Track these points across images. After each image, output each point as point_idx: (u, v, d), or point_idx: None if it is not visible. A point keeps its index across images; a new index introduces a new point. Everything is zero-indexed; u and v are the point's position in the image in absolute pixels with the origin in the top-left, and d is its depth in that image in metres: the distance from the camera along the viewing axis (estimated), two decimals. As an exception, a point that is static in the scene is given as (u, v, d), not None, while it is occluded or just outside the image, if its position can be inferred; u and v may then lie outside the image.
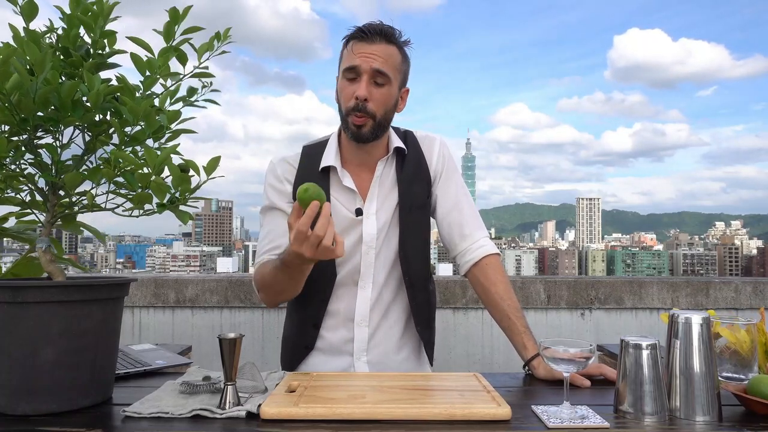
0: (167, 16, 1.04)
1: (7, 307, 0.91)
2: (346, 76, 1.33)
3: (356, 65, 1.30)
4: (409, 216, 1.41)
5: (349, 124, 1.33)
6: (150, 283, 2.71)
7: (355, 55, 1.31)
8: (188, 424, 0.90)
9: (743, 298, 2.75)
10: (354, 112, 1.31)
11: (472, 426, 0.90)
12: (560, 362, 0.94)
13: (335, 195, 1.40)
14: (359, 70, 1.30)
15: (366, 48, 1.31)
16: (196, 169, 1.01)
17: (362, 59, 1.30)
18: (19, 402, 0.92)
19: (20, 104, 0.92)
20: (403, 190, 1.41)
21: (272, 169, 1.44)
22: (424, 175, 1.45)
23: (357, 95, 1.30)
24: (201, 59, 1.09)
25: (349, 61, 1.32)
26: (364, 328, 1.40)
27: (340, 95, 1.35)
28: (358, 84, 1.31)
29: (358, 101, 1.30)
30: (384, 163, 1.43)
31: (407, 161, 1.44)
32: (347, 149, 1.43)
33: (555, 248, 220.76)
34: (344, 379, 1.16)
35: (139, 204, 1.00)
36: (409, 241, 1.42)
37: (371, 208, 1.40)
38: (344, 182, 1.39)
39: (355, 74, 1.32)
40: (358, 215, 1.39)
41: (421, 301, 1.46)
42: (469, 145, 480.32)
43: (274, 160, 1.45)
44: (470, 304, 2.67)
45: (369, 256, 1.40)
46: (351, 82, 1.32)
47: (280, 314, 2.71)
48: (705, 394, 0.93)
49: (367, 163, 1.43)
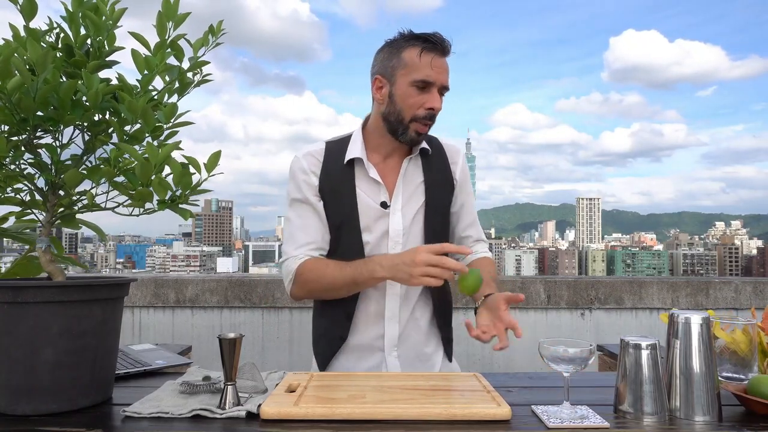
0: (164, 16, 1.04)
1: (7, 307, 0.91)
2: (417, 85, 1.35)
3: (433, 80, 1.34)
4: (434, 218, 1.46)
5: (411, 130, 1.37)
6: (150, 283, 2.71)
7: (432, 69, 1.34)
8: (188, 424, 0.90)
9: (743, 298, 2.75)
10: (423, 121, 1.37)
11: (472, 426, 0.90)
12: (560, 362, 0.94)
13: (360, 186, 1.43)
14: (434, 83, 1.35)
15: (440, 62, 1.36)
16: (197, 166, 1.01)
17: (437, 74, 1.35)
18: (19, 402, 0.92)
19: (20, 103, 0.92)
20: (430, 194, 1.46)
21: (298, 163, 1.46)
22: (449, 182, 1.51)
23: (433, 107, 1.35)
24: (197, 53, 1.09)
25: (425, 74, 1.34)
26: (395, 324, 1.43)
27: (405, 102, 1.36)
28: (428, 94, 1.35)
29: (432, 111, 1.36)
30: (408, 161, 1.46)
31: (433, 165, 1.49)
32: (372, 144, 1.46)
33: (555, 248, 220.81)
34: (344, 379, 1.16)
35: (140, 202, 1.00)
36: (433, 241, 1.44)
37: (397, 203, 1.44)
38: (370, 174, 1.42)
39: (428, 86, 1.35)
40: (384, 208, 1.42)
41: (442, 299, 1.51)
42: (469, 145, 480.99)
43: (299, 155, 1.47)
44: (470, 304, 2.67)
45: (396, 251, 1.42)
46: (421, 91, 1.35)
47: (280, 314, 2.71)
48: (705, 394, 0.93)
49: (392, 157, 1.47)
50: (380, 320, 1.43)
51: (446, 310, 1.53)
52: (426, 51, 1.34)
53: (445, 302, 1.53)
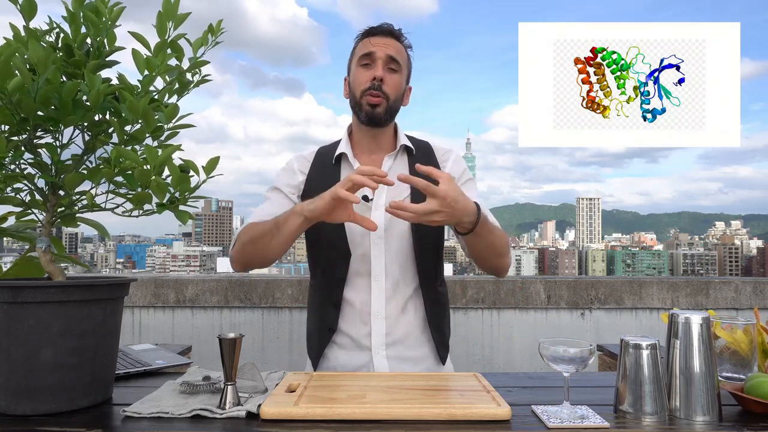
0: (165, 15, 1.04)
1: (7, 307, 0.91)
2: (362, 63, 1.44)
3: (372, 51, 1.43)
4: None
5: (364, 104, 1.43)
6: (150, 283, 2.72)
7: (372, 44, 1.44)
8: (188, 424, 0.90)
9: (743, 298, 2.75)
10: (370, 92, 1.41)
11: (472, 426, 0.90)
12: (560, 362, 0.94)
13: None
14: (375, 56, 1.43)
15: (379, 38, 1.45)
16: (195, 169, 1.01)
17: (378, 47, 1.43)
18: (19, 402, 0.92)
19: (21, 103, 0.92)
20: (415, 190, 1.44)
21: (290, 162, 1.56)
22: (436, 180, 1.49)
23: (375, 76, 1.41)
24: (196, 53, 1.09)
25: (365, 49, 1.44)
26: (381, 321, 1.42)
27: (354, 82, 1.46)
28: (373, 69, 1.42)
29: (375, 81, 1.41)
30: (393, 158, 1.49)
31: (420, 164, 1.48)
32: (357, 140, 1.52)
33: (555, 248, 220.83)
34: (344, 379, 1.16)
35: (139, 204, 1.00)
36: (421, 239, 1.44)
37: (381, 199, 1.44)
38: (354, 168, 1.45)
39: (370, 60, 1.43)
40: (366, 201, 1.44)
41: (435, 300, 1.48)
42: (469, 145, 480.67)
43: (293, 156, 1.58)
44: (470, 304, 2.67)
45: (378, 246, 1.42)
46: (366, 68, 1.44)
47: (280, 314, 2.71)
48: (705, 394, 0.93)
49: (377, 154, 1.50)
50: (367, 317, 1.42)
51: (440, 312, 1.50)
52: (367, 34, 1.47)
53: (438, 303, 1.50)
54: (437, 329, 1.48)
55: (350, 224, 1.41)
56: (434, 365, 1.48)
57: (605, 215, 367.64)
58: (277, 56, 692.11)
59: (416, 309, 1.46)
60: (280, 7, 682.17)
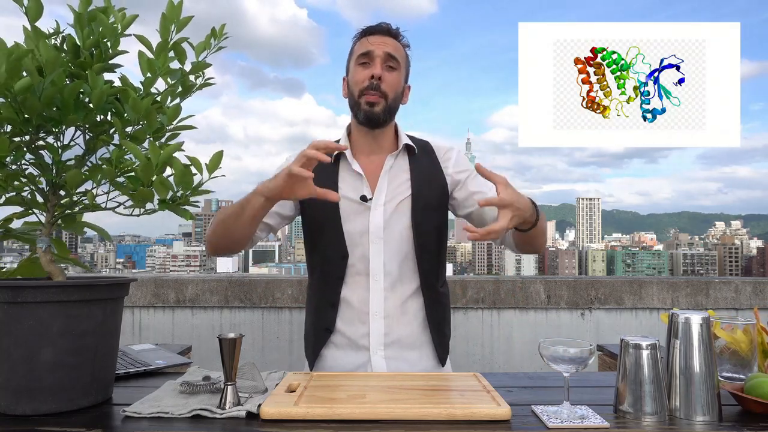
0: (168, 18, 1.04)
1: (7, 307, 0.92)
2: (360, 62, 1.43)
3: (371, 50, 1.42)
4: (421, 214, 1.44)
5: (362, 104, 1.41)
6: (150, 283, 2.72)
7: (370, 43, 1.43)
8: (188, 424, 0.90)
9: (743, 298, 2.75)
10: (368, 91, 1.40)
11: (472, 426, 0.90)
12: (560, 362, 0.94)
13: (343, 179, 1.46)
14: (373, 54, 1.42)
15: (376, 37, 1.44)
16: (198, 166, 1.01)
17: (376, 46, 1.42)
18: (19, 402, 0.92)
19: (26, 103, 0.92)
20: (417, 189, 1.45)
21: (288, 159, 1.53)
22: (439, 178, 1.49)
23: (373, 73, 1.40)
24: (199, 57, 1.09)
25: (363, 48, 1.43)
26: (380, 321, 1.41)
27: (353, 81, 1.45)
28: (371, 68, 1.41)
29: (373, 80, 1.40)
30: (394, 158, 1.48)
31: (421, 163, 1.49)
32: (357, 139, 1.50)
33: (555, 248, 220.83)
34: (344, 379, 1.16)
35: (141, 202, 1.00)
36: (422, 239, 1.44)
37: (380, 199, 1.44)
38: (353, 167, 1.45)
39: (368, 59, 1.42)
40: (364, 201, 1.43)
41: (436, 300, 1.47)
42: (469, 145, 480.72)
43: (291, 154, 1.54)
44: (470, 304, 2.67)
45: (377, 246, 1.42)
46: (364, 66, 1.43)
47: (280, 314, 2.71)
48: (705, 394, 0.93)
49: (376, 153, 1.48)
50: (365, 316, 1.42)
51: (441, 313, 1.49)
52: (364, 33, 1.46)
53: (439, 304, 1.49)
54: (437, 330, 1.47)
55: (348, 224, 1.42)
56: (433, 367, 1.47)
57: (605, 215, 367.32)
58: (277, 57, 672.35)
59: (416, 309, 1.46)
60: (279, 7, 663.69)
